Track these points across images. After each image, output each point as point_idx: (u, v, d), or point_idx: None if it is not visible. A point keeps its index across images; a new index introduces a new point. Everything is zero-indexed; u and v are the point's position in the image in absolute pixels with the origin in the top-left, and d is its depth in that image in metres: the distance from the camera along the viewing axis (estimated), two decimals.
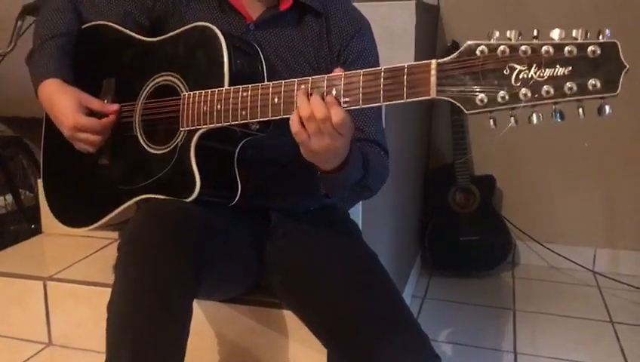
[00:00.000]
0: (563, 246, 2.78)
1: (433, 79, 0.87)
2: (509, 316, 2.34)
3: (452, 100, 0.86)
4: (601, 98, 0.79)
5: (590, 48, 0.78)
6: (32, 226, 2.31)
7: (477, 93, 0.84)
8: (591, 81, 0.78)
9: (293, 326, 1.33)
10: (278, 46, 1.25)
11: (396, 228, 2.22)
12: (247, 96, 1.05)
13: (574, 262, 2.74)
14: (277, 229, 1.30)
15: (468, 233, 2.69)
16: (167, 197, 1.15)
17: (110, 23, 1.32)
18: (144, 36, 1.28)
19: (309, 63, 1.26)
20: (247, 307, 1.37)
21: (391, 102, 0.92)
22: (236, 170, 1.18)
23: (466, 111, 0.85)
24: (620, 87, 0.77)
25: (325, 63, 1.26)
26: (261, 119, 1.04)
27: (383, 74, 0.92)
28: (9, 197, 2.49)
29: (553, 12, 2.54)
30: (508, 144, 2.72)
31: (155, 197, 1.18)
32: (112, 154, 1.28)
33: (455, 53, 0.86)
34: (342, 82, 0.96)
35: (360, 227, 1.44)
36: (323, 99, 0.96)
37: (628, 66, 0.77)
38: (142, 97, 1.24)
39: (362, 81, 0.94)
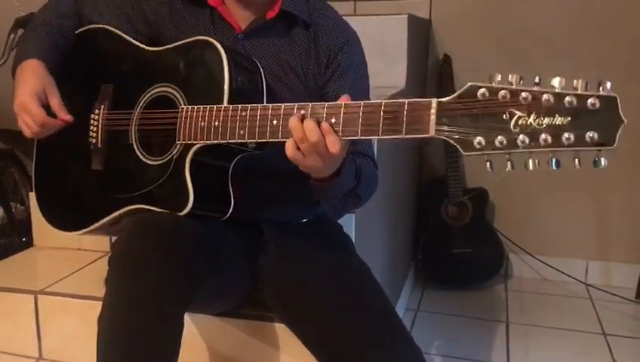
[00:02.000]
0: (555, 259, 2.78)
1: (433, 118, 0.87)
2: (502, 328, 2.34)
3: (450, 141, 0.86)
4: (598, 150, 0.79)
5: (590, 101, 0.78)
6: (24, 239, 2.29)
7: (475, 136, 0.84)
8: (589, 134, 0.78)
9: (285, 340, 1.32)
10: (266, 56, 1.26)
11: (389, 241, 2.22)
12: (245, 115, 1.04)
13: (567, 275, 2.74)
14: (270, 242, 1.30)
15: (461, 246, 2.68)
16: (159, 209, 1.15)
17: (111, 28, 1.31)
18: (143, 43, 1.28)
19: (296, 74, 1.26)
20: (239, 320, 1.36)
21: (389, 137, 0.91)
22: (230, 185, 1.18)
23: (463, 153, 0.85)
24: (617, 142, 0.78)
25: (313, 75, 1.27)
26: (259, 141, 1.04)
27: (383, 108, 0.92)
28: (0, 210, 2.48)
29: (543, 26, 2.56)
30: None
31: (147, 208, 1.17)
32: (106, 161, 1.28)
33: (456, 93, 0.85)
34: (341, 112, 0.95)
35: (353, 240, 1.43)
36: (318, 123, 0.95)
37: (626, 121, 0.77)
38: (139, 106, 1.24)
39: (362, 113, 0.93)
